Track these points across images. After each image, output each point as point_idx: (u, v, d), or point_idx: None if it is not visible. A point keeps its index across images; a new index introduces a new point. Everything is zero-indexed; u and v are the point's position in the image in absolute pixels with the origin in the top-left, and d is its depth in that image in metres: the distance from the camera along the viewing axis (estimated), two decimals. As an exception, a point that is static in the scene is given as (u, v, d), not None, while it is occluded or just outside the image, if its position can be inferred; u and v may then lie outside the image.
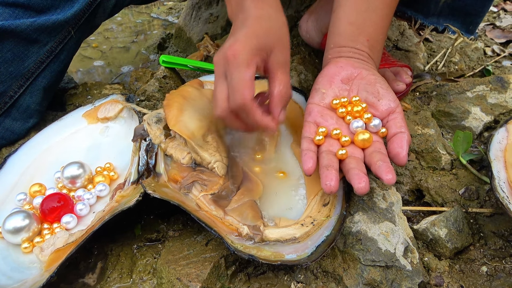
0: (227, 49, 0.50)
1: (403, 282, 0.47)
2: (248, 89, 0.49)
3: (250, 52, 0.49)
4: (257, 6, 0.53)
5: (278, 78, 0.52)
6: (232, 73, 0.49)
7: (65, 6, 0.71)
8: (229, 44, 0.50)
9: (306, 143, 0.52)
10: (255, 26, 0.52)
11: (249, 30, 0.51)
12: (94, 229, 0.50)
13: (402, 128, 0.51)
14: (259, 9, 0.53)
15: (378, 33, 0.59)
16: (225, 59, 0.50)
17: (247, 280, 0.51)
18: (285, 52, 0.53)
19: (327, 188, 0.47)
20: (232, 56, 0.49)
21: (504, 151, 0.57)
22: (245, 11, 0.53)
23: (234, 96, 0.49)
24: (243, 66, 0.49)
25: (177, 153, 0.57)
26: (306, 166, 0.49)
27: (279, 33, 0.53)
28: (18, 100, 0.72)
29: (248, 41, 0.50)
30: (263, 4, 0.54)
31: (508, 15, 1.24)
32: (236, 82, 0.49)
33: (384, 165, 0.47)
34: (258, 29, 0.51)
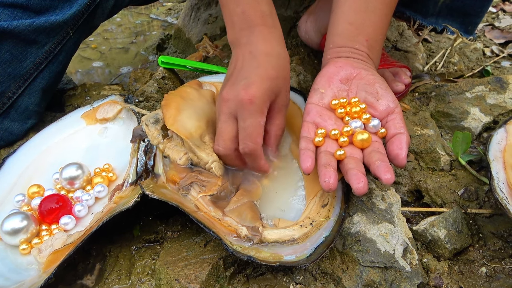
0: (242, 92, 0.51)
1: (402, 283, 0.47)
2: (260, 136, 0.52)
3: (264, 97, 0.52)
4: (265, 39, 0.55)
5: (277, 121, 0.55)
6: (247, 118, 0.51)
7: (63, 7, 0.71)
8: (244, 86, 0.51)
9: (305, 143, 0.52)
10: (267, 66, 0.53)
11: (262, 72, 0.53)
12: (92, 230, 0.50)
13: (401, 129, 0.51)
14: (268, 44, 0.55)
15: (377, 33, 0.59)
16: (239, 101, 0.51)
17: (246, 281, 0.50)
18: (288, 94, 0.56)
19: (325, 185, 0.47)
20: (248, 101, 0.51)
21: (503, 151, 0.57)
22: (252, 43, 0.55)
23: (246, 141, 0.51)
24: (258, 113, 0.51)
25: (174, 154, 0.56)
26: (304, 165, 0.49)
27: (286, 74, 0.55)
28: (17, 101, 0.71)
29: (263, 84, 0.52)
30: (272, 39, 0.56)
31: (507, 15, 1.24)
32: (251, 128, 0.51)
33: (382, 164, 0.47)
34: (270, 70, 0.53)
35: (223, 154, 0.54)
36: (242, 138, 0.52)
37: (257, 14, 0.55)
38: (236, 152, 0.54)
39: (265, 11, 0.56)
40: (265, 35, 0.55)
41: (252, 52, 0.54)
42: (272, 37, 0.56)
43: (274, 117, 0.55)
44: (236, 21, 0.56)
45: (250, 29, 0.55)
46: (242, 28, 0.56)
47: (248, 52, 0.55)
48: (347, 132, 0.53)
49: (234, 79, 0.54)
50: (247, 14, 0.55)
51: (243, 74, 0.53)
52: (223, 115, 0.53)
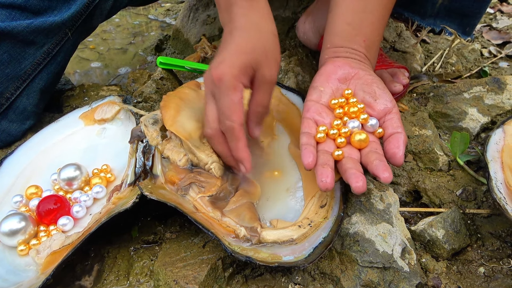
0: (213, 70, 0.50)
1: (401, 283, 0.47)
2: (237, 113, 0.49)
3: (235, 73, 0.49)
4: (245, 14, 0.53)
5: (258, 97, 0.53)
6: (220, 97, 0.50)
7: (62, 7, 0.71)
8: (215, 65, 0.50)
9: (306, 138, 0.52)
10: (241, 41, 0.51)
11: (234, 47, 0.51)
12: (90, 231, 0.50)
13: (399, 129, 0.51)
14: (246, 18, 0.53)
15: (374, 34, 0.60)
16: (212, 81, 0.50)
17: (245, 282, 0.50)
18: (271, 67, 0.53)
19: (322, 185, 0.47)
20: (218, 78, 0.49)
21: (501, 152, 0.57)
22: (232, 20, 0.53)
23: (223, 119, 0.50)
24: (230, 89, 0.49)
25: (173, 155, 0.56)
26: (306, 161, 0.49)
27: (267, 45, 0.52)
28: (15, 102, 0.71)
29: (234, 60, 0.50)
30: (251, 12, 0.53)
31: (504, 16, 1.24)
32: (224, 106, 0.49)
33: (380, 163, 0.48)
34: (243, 45, 0.51)
35: (211, 135, 0.53)
36: (220, 117, 0.51)
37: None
38: (222, 134, 0.52)
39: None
40: (245, 9, 0.53)
41: (231, 31, 0.53)
42: (253, 10, 0.53)
43: (254, 93, 0.53)
44: (221, 2, 0.55)
45: (231, 7, 0.53)
46: (226, 8, 0.54)
47: (228, 32, 0.53)
48: (345, 133, 0.53)
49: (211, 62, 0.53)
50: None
51: (218, 54, 0.52)
52: (206, 97, 0.52)
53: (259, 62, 0.51)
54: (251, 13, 0.53)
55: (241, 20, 0.52)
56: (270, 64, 0.52)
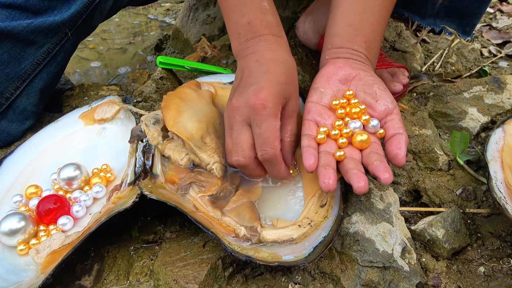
0: (253, 97, 0.50)
1: (401, 283, 0.47)
2: (278, 140, 0.50)
3: (276, 101, 0.50)
4: (272, 48, 0.54)
5: (290, 127, 0.54)
6: (261, 123, 0.50)
7: (62, 7, 0.71)
8: (254, 92, 0.50)
9: (307, 140, 0.52)
10: (276, 71, 0.52)
11: (271, 76, 0.52)
12: (90, 230, 0.50)
13: (400, 129, 0.51)
14: (274, 52, 0.54)
15: (375, 35, 0.60)
16: (251, 107, 0.50)
17: (245, 281, 0.50)
18: (297, 99, 0.55)
19: (325, 186, 0.47)
20: (261, 105, 0.49)
21: (501, 151, 0.57)
22: (259, 52, 0.54)
23: (264, 147, 0.50)
24: (272, 117, 0.50)
25: (175, 155, 0.56)
26: (307, 163, 0.49)
27: (294, 79, 0.55)
28: (15, 101, 0.71)
29: (274, 88, 0.51)
30: (278, 47, 0.55)
31: (504, 16, 1.24)
32: (267, 133, 0.50)
33: (381, 164, 0.48)
34: (279, 75, 0.52)
35: (244, 164, 0.52)
36: (259, 144, 0.50)
37: (263, 25, 0.55)
38: (256, 160, 0.52)
39: (271, 21, 0.56)
40: (272, 44, 0.55)
41: (259, 60, 0.54)
42: (279, 46, 0.55)
43: (286, 123, 0.54)
44: (242, 32, 0.56)
45: (256, 38, 0.55)
46: (248, 38, 0.55)
47: (254, 61, 0.54)
48: (347, 133, 0.53)
49: (242, 87, 0.53)
50: (253, 24, 0.55)
51: (251, 80, 0.52)
52: (236, 124, 0.52)
53: (291, 93, 0.53)
54: (278, 48, 0.55)
55: (270, 53, 0.54)
56: (296, 95, 0.55)
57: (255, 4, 0.55)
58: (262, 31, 0.55)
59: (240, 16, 0.55)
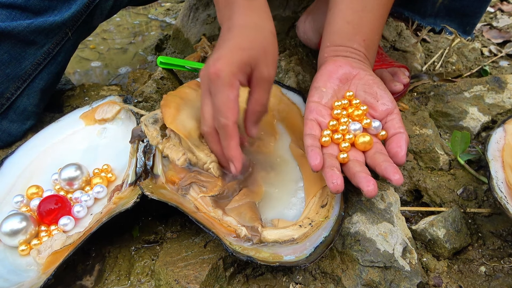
0: (210, 67, 0.49)
1: (402, 282, 0.47)
2: (232, 110, 0.49)
3: (233, 70, 0.49)
4: (244, 13, 0.53)
5: (256, 95, 0.52)
6: (216, 93, 0.49)
7: (62, 7, 0.71)
8: (212, 61, 0.50)
9: (311, 140, 0.52)
10: (239, 38, 0.51)
11: (232, 43, 0.50)
12: (91, 231, 0.50)
13: (401, 129, 0.52)
14: (246, 16, 0.53)
15: (374, 33, 0.60)
16: (208, 77, 0.50)
17: (246, 281, 0.50)
18: (269, 66, 0.52)
19: (333, 187, 0.47)
20: (215, 75, 0.49)
21: (501, 151, 0.57)
22: (231, 18, 0.53)
23: (218, 116, 0.49)
24: (226, 86, 0.48)
25: (172, 154, 0.56)
26: (313, 162, 0.49)
27: (265, 44, 0.52)
28: (15, 102, 0.71)
29: (231, 57, 0.49)
30: (250, 11, 0.53)
31: (505, 15, 1.24)
32: (219, 102, 0.49)
33: (390, 166, 0.47)
34: (242, 42, 0.51)
35: (207, 133, 0.52)
36: (214, 114, 0.50)
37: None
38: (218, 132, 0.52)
39: None
40: (244, 7, 0.53)
41: (229, 28, 0.53)
42: (251, 9, 0.53)
43: (253, 91, 0.52)
44: (220, 1, 0.55)
45: (230, 5, 0.54)
46: (225, 6, 0.54)
47: (226, 28, 0.53)
48: (350, 139, 0.52)
49: (210, 56, 0.53)
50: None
51: (216, 50, 0.52)
52: (202, 94, 0.52)
53: (257, 60, 0.51)
54: (250, 12, 0.53)
55: (240, 18, 0.52)
56: (268, 62, 0.52)
57: None
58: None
59: None
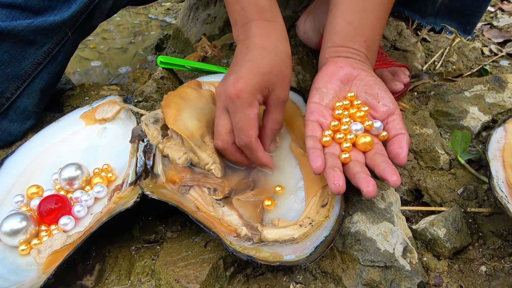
0: (230, 86, 0.51)
1: (402, 282, 0.47)
2: (253, 128, 0.52)
3: (253, 91, 0.51)
4: (263, 34, 0.55)
5: (274, 116, 0.55)
6: (236, 112, 0.51)
7: (62, 7, 0.71)
8: (232, 81, 0.51)
9: (312, 142, 0.52)
10: (259, 61, 0.53)
11: (253, 65, 0.52)
12: (91, 230, 0.50)
13: (402, 130, 0.52)
14: (266, 38, 0.54)
15: (375, 34, 0.60)
16: (228, 96, 0.51)
17: (246, 281, 0.50)
18: (285, 89, 0.55)
19: (335, 188, 0.47)
20: (235, 95, 0.51)
21: (502, 150, 0.57)
22: (250, 38, 0.55)
23: (239, 134, 0.52)
24: (246, 106, 0.51)
25: (173, 153, 0.56)
26: (315, 165, 0.49)
27: (282, 68, 0.54)
28: (15, 101, 0.71)
29: (252, 78, 0.51)
30: (269, 32, 0.55)
31: (505, 15, 1.24)
32: (241, 121, 0.51)
33: (388, 167, 0.48)
34: (262, 65, 0.52)
35: (222, 148, 0.55)
36: (236, 132, 0.53)
37: (255, 10, 0.55)
38: (235, 145, 0.54)
39: (264, 5, 0.56)
40: (263, 29, 0.55)
41: (248, 47, 0.54)
42: (271, 31, 0.55)
43: (270, 112, 0.55)
44: (237, 18, 0.57)
45: (248, 24, 0.55)
46: (243, 25, 0.56)
47: (245, 48, 0.55)
48: (351, 139, 0.52)
49: (228, 74, 0.55)
50: (246, 10, 0.55)
51: (235, 68, 0.54)
52: (218, 110, 0.54)
53: (275, 83, 0.53)
54: (269, 33, 0.55)
55: (260, 40, 0.54)
56: (284, 85, 0.55)
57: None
58: (254, 16, 0.55)
59: (236, 3, 0.56)
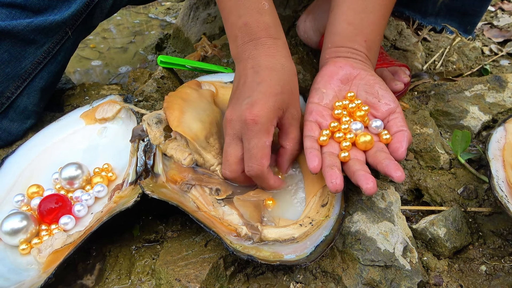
0: (246, 112, 0.49)
1: (402, 281, 0.47)
2: (266, 157, 0.50)
3: (270, 116, 0.49)
4: (269, 53, 0.53)
5: (292, 135, 0.54)
6: (251, 139, 0.49)
7: (62, 6, 0.71)
8: (247, 106, 0.49)
9: (310, 142, 0.52)
10: (270, 82, 0.51)
11: (265, 88, 0.50)
12: (92, 230, 0.50)
13: (403, 127, 0.52)
14: (272, 58, 0.52)
15: (375, 34, 0.60)
16: (243, 122, 0.49)
17: (246, 280, 0.50)
18: (297, 106, 0.54)
19: (332, 186, 0.47)
20: (252, 121, 0.48)
21: (502, 150, 0.57)
22: (255, 58, 0.52)
23: (251, 163, 0.50)
24: (263, 133, 0.49)
25: (178, 154, 0.56)
26: (312, 164, 0.49)
27: (292, 86, 0.53)
28: (15, 101, 0.71)
29: (267, 102, 0.49)
30: (275, 51, 0.53)
31: (505, 14, 1.24)
32: (255, 150, 0.49)
33: (391, 163, 0.48)
34: (273, 86, 0.51)
35: (231, 178, 0.53)
36: (247, 160, 0.50)
37: (259, 26, 0.53)
38: (244, 173, 0.52)
39: (268, 22, 0.54)
40: (268, 47, 0.53)
41: (254, 67, 0.52)
42: (276, 49, 0.53)
43: (287, 131, 0.53)
44: (239, 34, 0.54)
45: (253, 42, 0.53)
46: (245, 41, 0.54)
47: (250, 67, 0.53)
48: (351, 139, 0.52)
49: (237, 98, 0.52)
50: (249, 26, 0.53)
51: (246, 92, 0.51)
52: (227, 137, 0.52)
53: (288, 103, 0.52)
54: (275, 51, 0.53)
55: (266, 59, 0.52)
56: (296, 103, 0.53)
57: (252, 5, 0.53)
58: (259, 33, 0.53)
59: (237, 18, 0.54)
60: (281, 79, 0.52)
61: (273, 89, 0.50)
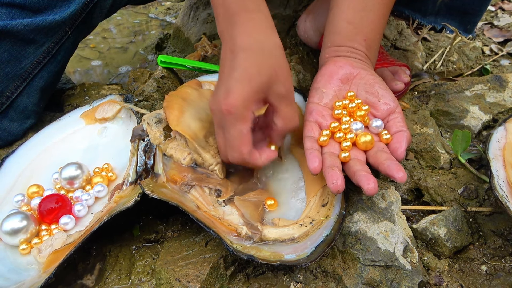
0: (222, 102, 0.48)
1: (403, 281, 0.47)
2: (244, 144, 0.49)
3: (245, 104, 0.47)
4: (246, 31, 0.49)
5: (282, 112, 0.50)
6: (228, 129, 0.49)
7: (61, 6, 0.71)
8: (223, 96, 0.48)
9: (310, 143, 0.52)
10: (246, 65, 0.48)
11: (239, 74, 0.48)
12: (92, 230, 0.50)
13: (403, 128, 0.52)
14: (248, 36, 0.49)
15: (375, 33, 0.59)
16: (220, 112, 0.48)
17: (246, 280, 0.50)
18: (284, 82, 0.50)
19: (333, 187, 0.47)
20: (227, 111, 0.47)
21: (503, 149, 0.57)
22: (232, 38, 0.49)
23: (231, 152, 0.50)
24: (239, 121, 0.48)
25: (177, 154, 0.56)
26: (312, 165, 0.49)
27: (273, 63, 0.49)
28: (15, 101, 0.71)
29: (241, 89, 0.47)
30: (252, 28, 0.50)
31: (506, 14, 1.24)
32: (232, 139, 0.49)
33: (393, 163, 0.48)
34: (249, 70, 0.48)
35: (227, 162, 0.54)
36: (228, 149, 0.50)
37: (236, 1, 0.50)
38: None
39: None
40: (245, 23, 0.49)
41: (232, 50, 0.49)
42: (254, 25, 0.50)
43: (276, 110, 0.50)
44: (220, 12, 0.52)
45: (230, 19, 0.50)
46: (224, 18, 0.51)
47: (229, 51, 0.50)
48: (351, 139, 0.52)
49: (218, 86, 0.51)
50: (227, 2, 0.50)
51: (223, 80, 0.50)
52: (215, 127, 0.52)
53: (268, 83, 0.49)
54: (252, 27, 0.50)
55: (243, 39, 0.49)
56: (281, 79, 0.50)
57: None
58: (235, 8, 0.49)
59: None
60: (258, 60, 0.48)
61: (248, 73, 0.48)
